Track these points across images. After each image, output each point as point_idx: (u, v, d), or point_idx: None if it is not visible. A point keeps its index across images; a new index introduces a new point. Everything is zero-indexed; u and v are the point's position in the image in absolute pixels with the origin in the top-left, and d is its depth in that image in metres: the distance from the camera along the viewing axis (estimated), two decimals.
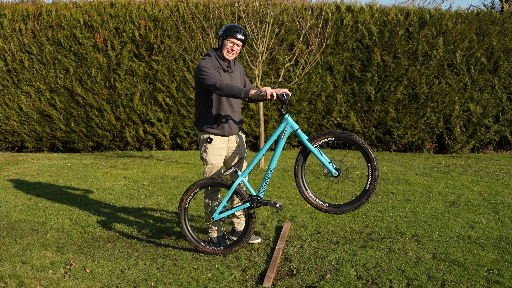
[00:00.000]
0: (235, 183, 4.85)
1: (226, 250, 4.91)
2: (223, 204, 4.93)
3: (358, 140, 4.59)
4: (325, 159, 4.72)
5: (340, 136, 4.63)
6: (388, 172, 8.42)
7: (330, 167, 4.70)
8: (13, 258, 4.77)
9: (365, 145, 4.59)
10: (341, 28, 11.13)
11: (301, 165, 4.82)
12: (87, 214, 6.36)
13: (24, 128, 11.49)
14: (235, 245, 4.91)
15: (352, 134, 4.62)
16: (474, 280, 4.10)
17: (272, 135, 4.79)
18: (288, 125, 4.71)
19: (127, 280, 4.31)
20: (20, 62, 11.28)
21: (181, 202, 5.00)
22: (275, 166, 4.92)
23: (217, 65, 4.90)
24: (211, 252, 4.93)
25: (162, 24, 11.10)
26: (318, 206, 4.74)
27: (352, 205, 4.67)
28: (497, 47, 10.98)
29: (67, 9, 11.32)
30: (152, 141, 11.51)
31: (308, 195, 4.79)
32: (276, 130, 4.78)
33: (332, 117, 11.22)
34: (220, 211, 4.96)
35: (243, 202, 4.88)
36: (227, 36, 4.84)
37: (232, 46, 4.87)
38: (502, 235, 5.27)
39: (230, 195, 4.91)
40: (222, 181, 4.87)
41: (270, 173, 4.86)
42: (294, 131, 4.72)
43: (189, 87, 11.15)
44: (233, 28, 4.85)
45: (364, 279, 4.21)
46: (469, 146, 11.30)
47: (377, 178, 4.59)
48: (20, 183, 7.95)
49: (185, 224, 5.02)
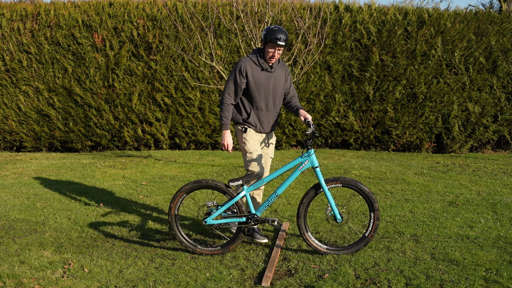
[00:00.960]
0: (239, 195, 4.87)
1: (223, 249, 4.94)
2: (220, 212, 4.95)
3: (365, 190, 4.73)
4: (334, 204, 4.80)
5: (348, 184, 4.76)
6: (387, 172, 8.42)
7: (337, 212, 4.80)
8: (11, 258, 4.76)
9: (371, 195, 4.73)
10: (339, 27, 11.13)
11: (306, 206, 4.91)
12: (86, 213, 6.36)
13: (23, 128, 11.48)
14: (232, 243, 4.95)
15: (359, 183, 4.75)
16: (473, 279, 4.10)
17: (289, 163, 4.89)
18: (309, 160, 4.79)
19: (126, 279, 4.31)
20: (18, 62, 11.26)
21: (170, 210, 5.02)
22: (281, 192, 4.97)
23: (253, 65, 4.98)
24: (210, 253, 4.96)
25: (160, 24, 11.09)
26: (317, 248, 4.85)
27: (349, 249, 4.82)
28: (495, 47, 10.99)
29: (65, 9, 11.31)
30: (151, 141, 11.51)
31: (308, 236, 4.90)
32: (294, 160, 4.87)
33: (331, 117, 11.22)
34: (215, 218, 4.99)
35: (240, 216, 4.92)
36: (268, 41, 4.85)
37: (274, 52, 4.90)
38: (500, 234, 5.27)
39: (229, 206, 4.93)
40: (208, 183, 4.92)
41: (275, 197, 4.94)
42: (313, 168, 4.81)
43: (187, 87, 11.14)
44: (275, 34, 4.82)
45: (363, 278, 4.21)
46: (467, 146, 11.30)
47: (377, 227, 4.77)
48: (19, 183, 7.95)
49: (179, 231, 5.04)
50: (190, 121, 11.27)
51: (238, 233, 4.94)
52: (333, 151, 11.09)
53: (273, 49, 4.87)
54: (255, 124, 5.08)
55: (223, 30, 10.99)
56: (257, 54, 4.99)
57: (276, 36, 4.79)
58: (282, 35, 4.80)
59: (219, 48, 10.97)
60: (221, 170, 8.63)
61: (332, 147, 11.62)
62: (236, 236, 4.95)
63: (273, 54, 4.90)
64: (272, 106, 5.10)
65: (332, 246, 4.93)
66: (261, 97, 5.01)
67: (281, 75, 5.11)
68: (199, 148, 11.64)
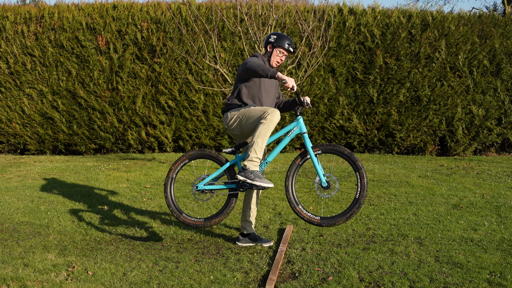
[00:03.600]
0: (230, 162, 5.00)
1: (206, 222, 5.04)
2: (212, 177, 5.06)
3: (344, 151, 4.74)
4: (320, 169, 4.83)
5: (327, 149, 4.79)
6: (391, 175, 8.42)
7: (323, 177, 4.82)
8: (15, 261, 4.77)
9: (351, 155, 4.72)
10: (343, 30, 11.14)
11: (292, 176, 4.91)
12: (90, 216, 6.36)
13: (27, 131, 11.50)
14: (215, 217, 5.02)
15: (338, 146, 4.77)
16: (477, 282, 4.09)
17: (280, 130, 5.00)
18: (298, 126, 4.87)
19: (130, 282, 4.31)
20: (22, 65, 11.30)
21: (169, 172, 5.16)
22: (272, 159, 5.03)
23: None
24: (192, 223, 5.07)
25: (164, 27, 11.11)
26: (310, 219, 4.82)
27: (344, 215, 4.75)
28: (499, 50, 10.98)
29: (69, 12, 11.35)
30: (155, 144, 11.52)
31: (300, 209, 4.88)
32: (284, 127, 4.95)
33: (335, 120, 11.22)
34: (207, 183, 5.08)
35: (231, 182, 5.00)
36: (278, 46, 4.96)
37: (282, 57, 5.02)
38: (504, 237, 5.26)
39: (220, 172, 5.04)
40: (211, 153, 5.07)
41: (265, 164, 4.99)
42: (301, 133, 4.89)
43: (191, 90, 11.16)
44: (287, 40, 4.97)
45: (367, 281, 4.21)
46: (471, 149, 11.28)
47: (366, 186, 4.69)
48: (23, 186, 7.97)
49: (170, 194, 5.15)
50: (194, 124, 11.28)
51: (224, 209, 5.02)
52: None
53: (281, 55, 5.00)
54: None
55: (227, 33, 11.01)
56: (262, 58, 5.07)
57: (288, 42, 4.97)
58: (292, 42, 4.99)
59: (223, 51, 10.98)
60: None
61: None
62: (220, 212, 5.04)
63: (281, 59, 5.03)
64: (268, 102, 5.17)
65: (326, 216, 4.89)
66: (262, 94, 5.07)
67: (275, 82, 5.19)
68: None
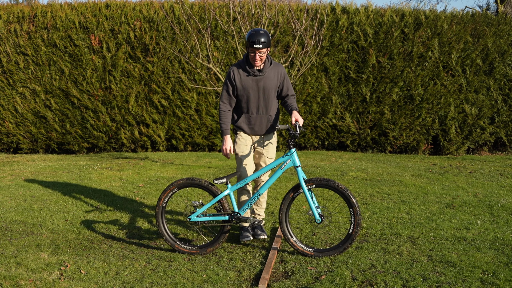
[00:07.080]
0: (222, 194, 4.94)
1: (201, 251, 4.99)
2: (203, 209, 5.03)
3: (338, 187, 4.71)
4: (313, 203, 4.81)
5: (321, 184, 4.75)
6: (383, 174, 8.43)
7: (316, 212, 4.80)
8: (8, 260, 4.75)
9: (346, 191, 4.70)
10: (336, 29, 11.15)
11: (286, 209, 4.91)
12: (83, 215, 6.35)
13: (20, 130, 11.46)
14: (210, 246, 4.99)
15: (332, 181, 4.73)
16: (470, 281, 4.11)
17: (272, 162, 4.96)
18: (291, 160, 4.80)
19: (123, 281, 4.31)
20: (15, 64, 11.25)
21: (159, 201, 5.10)
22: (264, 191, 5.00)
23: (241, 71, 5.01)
24: (187, 251, 5.02)
25: (157, 26, 11.09)
26: (304, 252, 4.85)
27: (337, 250, 4.80)
28: (492, 49, 11.02)
29: (62, 11, 11.30)
30: (148, 143, 11.50)
31: (294, 241, 4.90)
32: (277, 159, 4.90)
33: (328, 119, 11.23)
34: (199, 215, 5.05)
35: (223, 214, 4.97)
36: (248, 45, 4.84)
37: (255, 56, 4.90)
38: (497, 236, 5.28)
39: (213, 203, 4.99)
40: (200, 182, 4.99)
41: (258, 196, 4.99)
42: (295, 167, 4.82)
43: (184, 89, 11.14)
44: (251, 37, 4.80)
45: (360, 280, 4.21)
46: (464, 148, 11.32)
47: (359, 223, 4.72)
48: (15, 185, 7.93)
49: (162, 223, 5.10)
50: (187, 122, 11.27)
51: (219, 236, 4.99)
52: (330, 153, 11.10)
53: (253, 53, 4.86)
54: (245, 127, 5.16)
55: (220, 32, 10.99)
56: (244, 60, 5.03)
57: (252, 39, 4.77)
58: (259, 37, 4.76)
59: (216, 50, 10.97)
60: (217, 172, 8.63)
61: (329, 149, 11.63)
62: (215, 240, 5.00)
63: (254, 57, 4.88)
64: (264, 110, 5.12)
65: (319, 248, 4.93)
66: (251, 101, 5.07)
67: (273, 77, 5.08)
68: (196, 149, 11.64)
